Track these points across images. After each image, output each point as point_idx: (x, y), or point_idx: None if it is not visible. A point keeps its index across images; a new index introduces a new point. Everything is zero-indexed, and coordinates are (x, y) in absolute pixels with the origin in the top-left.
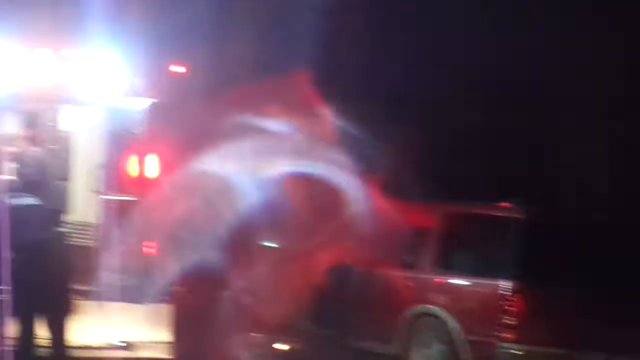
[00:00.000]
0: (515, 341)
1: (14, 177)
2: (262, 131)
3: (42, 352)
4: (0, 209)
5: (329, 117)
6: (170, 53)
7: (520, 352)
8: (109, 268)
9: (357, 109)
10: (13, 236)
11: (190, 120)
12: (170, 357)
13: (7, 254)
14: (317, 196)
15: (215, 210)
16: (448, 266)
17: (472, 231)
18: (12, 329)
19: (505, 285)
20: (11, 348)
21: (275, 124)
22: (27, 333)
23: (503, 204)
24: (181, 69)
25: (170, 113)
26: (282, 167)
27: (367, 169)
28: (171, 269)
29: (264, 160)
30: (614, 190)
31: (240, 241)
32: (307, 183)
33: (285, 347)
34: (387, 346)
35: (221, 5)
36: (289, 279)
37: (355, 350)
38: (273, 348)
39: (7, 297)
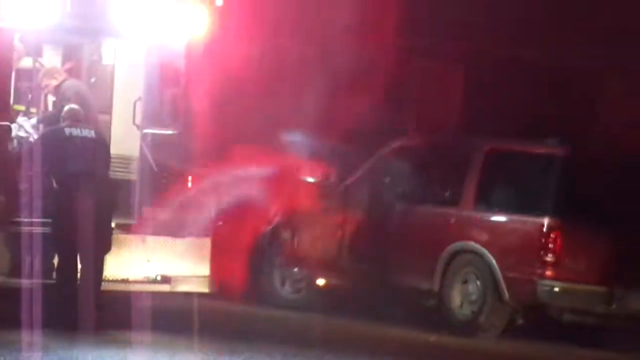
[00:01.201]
0: (555, 278)
1: (58, 109)
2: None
3: (80, 284)
4: (44, 141)
5: None
6: None
7: (559, 289)
8: (150, 202)
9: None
10: (59, 167)
11: (230, 55)
12: (209, 291)
13: (52, 185)
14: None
15: (256, 145)
16: (488, 203)
17: (512, 168)
18: (53, 261)
19: (545, 222)
20: (51, 280)
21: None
22: (67, 266)
23: (544, 142)
24: (220, 3)
25: (214, 47)
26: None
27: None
28: (212, 203)
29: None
30: None
31: (281, 176)
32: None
33: (324, 282)
34: (425, 282)
35: None
36: (330, 215)
37: (394, 287)
38: (313, 283)
39: (48, 229)
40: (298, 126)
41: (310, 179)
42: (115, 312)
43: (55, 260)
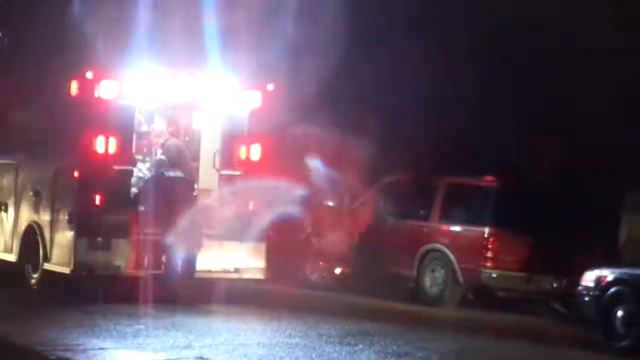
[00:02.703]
0: (493, 268)
1: (163, 158)
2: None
3: (180, 274)
4: (154, 179)
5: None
6: (267, 76)
7: (496, 275)
8: (225, 218)
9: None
10: (164, 196)
11: (279, 122)
12: (265, 277)
13: (159, 209)
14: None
15: (296, 182)
16: (449, 218)
17: (464, 194)
18: (159, 259)
19: (486, 230)
20: (157, 272)
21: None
22: (171, 261)
23: (486, 177)
24: (273, 87)
25: (266, 117)
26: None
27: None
28: (266, 219)
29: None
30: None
31: (312, 201)
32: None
33: (340, 271)
34: (407, 271)
35: (301, 44)
36: (344, 226)
37: (386, 273)
38: (332, 271)
39: (158, 237)
40: (324, 165)
41: (331, 203)
42: (202, 292)
43: (163, 258)
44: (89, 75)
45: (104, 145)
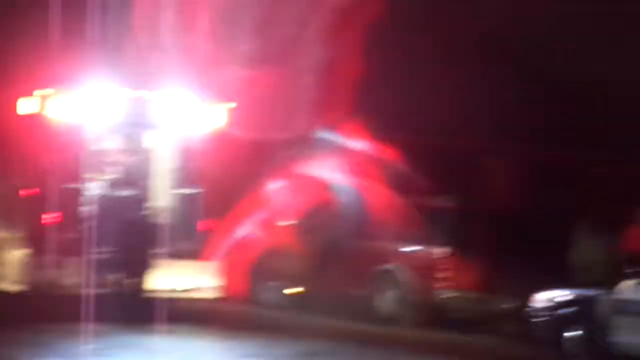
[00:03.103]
0: (445, 288)
1: (114, 176)
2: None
3: (129, 294)
4: (105, 198)
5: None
6: (224, 95)
7: (449, 296)
8: (176, 238)
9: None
10: (115, 215)
11: (236, 141)
12: (219, 296)
13: (110, 227)
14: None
15: (250, 200)
16: (403, 239)
17: (419, 216)
18: (111, 278)
19: (441, 251)
20: (109, 291)
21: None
22: (120, 280)
23: (439, 198)
24: (231, 106)
25: (223, 135)
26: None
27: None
28: (219, 239)
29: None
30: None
31: (267, 220)
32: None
33: (294, 290)
34: (360, 291)
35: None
36: (298, 245)
37: (340, 293)
38: (287, 291)
39: (109, 256)
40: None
41: (286, 222)
42: (155, 311)
43: (111, 277)
44: (39, 93)
45: (53, 163)
